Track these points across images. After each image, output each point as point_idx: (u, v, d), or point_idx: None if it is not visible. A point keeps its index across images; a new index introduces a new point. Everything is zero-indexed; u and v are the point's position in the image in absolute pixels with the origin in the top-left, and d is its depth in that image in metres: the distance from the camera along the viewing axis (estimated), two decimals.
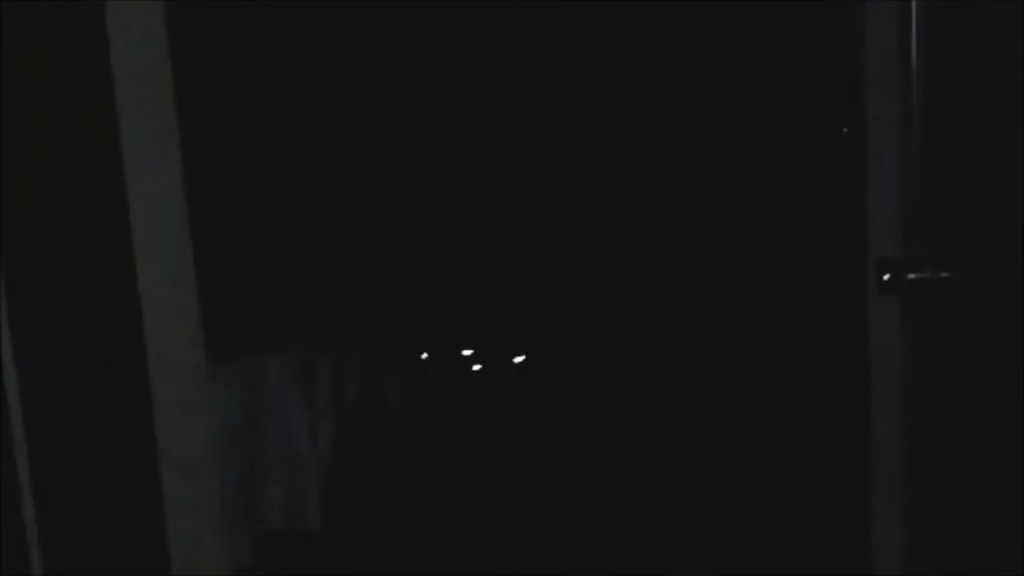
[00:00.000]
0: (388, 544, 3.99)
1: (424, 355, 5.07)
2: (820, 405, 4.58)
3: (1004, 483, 1.61)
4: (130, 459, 2.64)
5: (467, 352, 5.21)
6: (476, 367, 5.20)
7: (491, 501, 4.39)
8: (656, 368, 5.20)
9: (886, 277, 1.79)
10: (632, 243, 5.37)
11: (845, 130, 4.67)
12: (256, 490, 3.44)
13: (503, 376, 5.24)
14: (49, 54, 2.44)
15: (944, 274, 1.80)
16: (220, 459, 2.91)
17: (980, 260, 1.69)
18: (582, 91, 5.33)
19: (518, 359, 5.26)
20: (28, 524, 2.55)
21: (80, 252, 2.52)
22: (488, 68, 5.34)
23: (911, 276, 1.80)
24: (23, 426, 2.52)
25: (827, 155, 4.95)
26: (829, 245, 4.75)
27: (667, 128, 5.32)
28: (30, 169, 2.46)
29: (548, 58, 5.32)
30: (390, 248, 5.26)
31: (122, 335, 2.58)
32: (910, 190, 2.26)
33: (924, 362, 2.25)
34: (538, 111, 5.35)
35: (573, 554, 3.92)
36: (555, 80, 5.33)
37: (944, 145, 2.01)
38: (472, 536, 4.10)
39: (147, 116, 2.57)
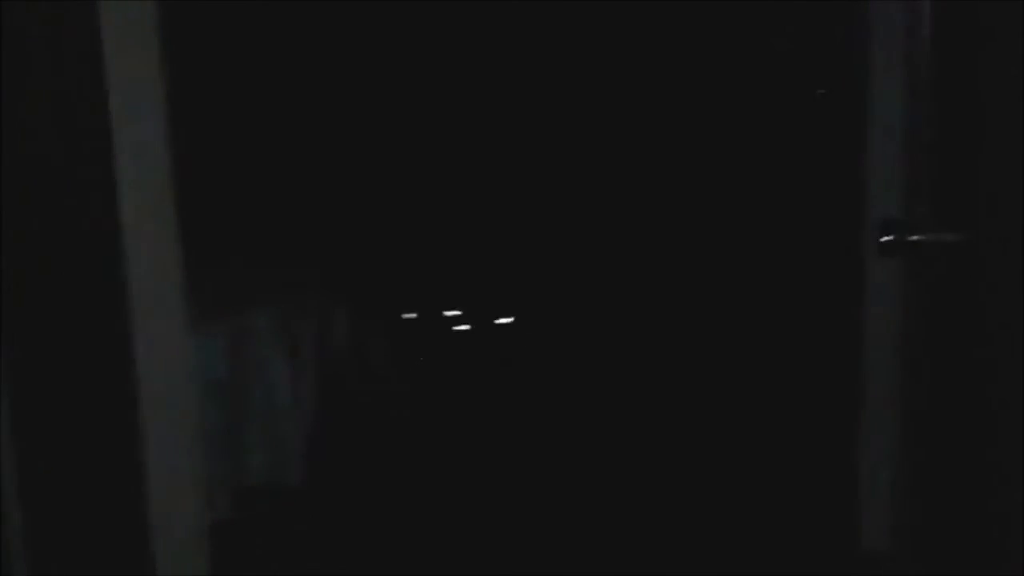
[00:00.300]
0: (369, 502, 3.97)
1: (408, 315, 5.03)
2: (813, 376, 4.54)
3: (1005, 462, 1.59)
4: (109, 413, 2.63)
5: (451, 313, 5.18)
6: (461, 328, 5.16)
7: (473, 463, 4.36)
8: (644, 332, 5.16)
9: (888, 238, 1.75)
10: (621, 205, 5.31)
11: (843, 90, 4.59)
12: (237, 445, 3.43)
13: (488, 337, 5.21)
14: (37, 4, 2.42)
15: (948, 236, 1.76)
16: (201, 414, 2.89)
17: (985, 223, 1.66)
18: (563, 48, 5.28)
19: (503, 320, 5.22)
20: (5, 474, 2.54)
21: (62, 207, 2.49)
22: (477, 30, 5.29)
23: (914, 238, 1.76)
24: None
25: (824, 117, 4.88)
26: (825, 209, 4.69)
27: (656, 87, 5.26)
28: (12, 120, 2.44)
29: (531, 27, 5.28)
30: (377, 206, 5.22)
31: (104, 290, 2.57)
32: (915, 150, 2.21)
33: (924, 327, 2.21)
34: (525, 75, 5.30)
35: (556, 519, 3.90)
36: (542, 49, 5.28)
37: (952, 104, 1.97)
38: (454, 497, 4.08)
39: (133, 70, 2.56)
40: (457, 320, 5.21)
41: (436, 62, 5.23)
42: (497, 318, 5.25)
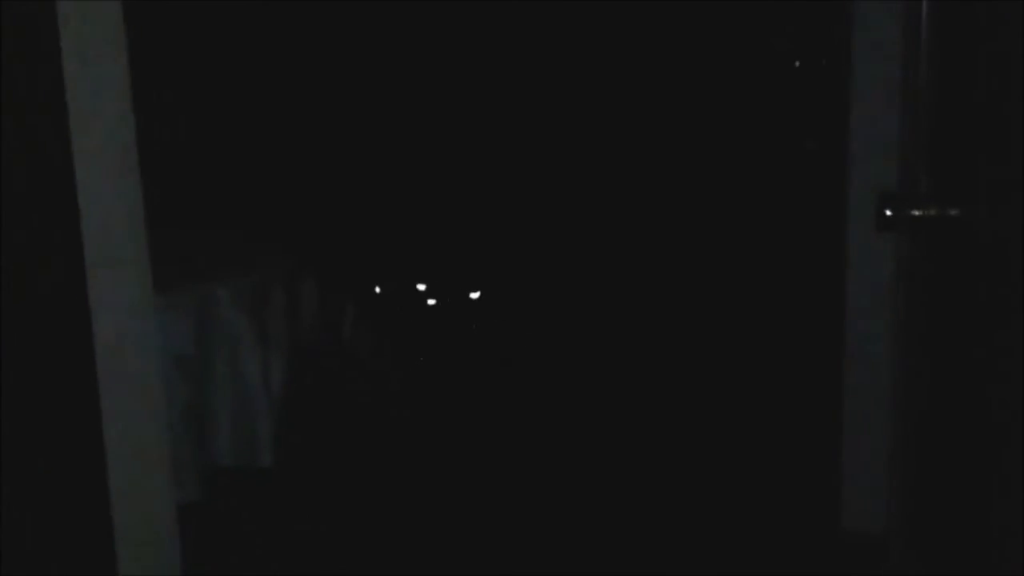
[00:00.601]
0: (340, 482, 3.92)
1: (377, 289, 4.97)
2: (794, 357, 4.54)
3: (1007, 448, 1.52)
4: (70, 391, 2.53)
5: (421, 287, 5.10)
6: (431, 302, 5.08)
7: (449, 441, 4.31)
8: (619, 314, 5.11)
9: (888, 212, 1.67)
10: (594, 184, 5.26)
11: (824, 61, 4.57)
12: (205, 424, 3.34)
13: (459, 312, 5.15)
14: None
15: (953, 211, 1.68)
16: (167, 392, 2.84)
17: (992, 196, 1.58)
18: (544, 41, 5.19)
19: (474, 295, 5.16)
20: None
21: (18, 173, 2.37)
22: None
23: (915, 212, 1.68)
24: None
25: (804, 88, 4.85)
26: (806, 187, 4.70)
27: (630, 68, 5.19)
28: None
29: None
30: (348, 177, 5.15)
31: (62, 260, 2.45)
32: (915, 119, 2.14)
33: (924, 304, 2.14)
34: (499, 49, 5.24)
35: (530, 494, 3.87)
36: (516, 29, 5.22)
37: (953, 68, 1.90)
38: (430, 477, 4.03)
39: (93, 35, 2.44)
40: (426, 295, 5.16)
41: (406, 33, 5.16)
42: (467, 293, 5.18)
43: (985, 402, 1.61)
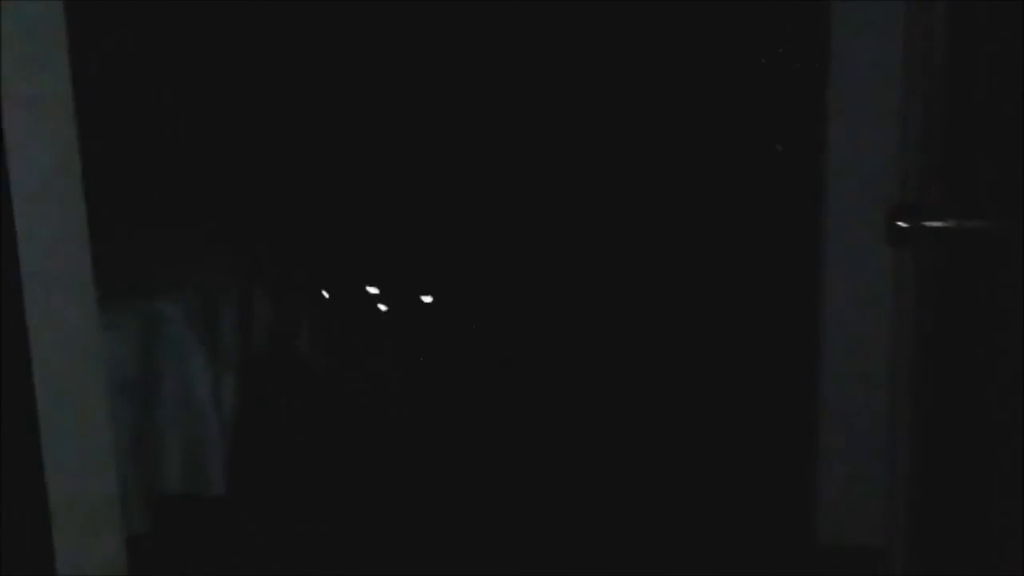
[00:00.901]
0: (298, 511, 3.76)
1: (326, 294, 4.84)
2: (765, 365, 4.48)
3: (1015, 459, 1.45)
4: (6, 416, 2.36)
5: (372, 290, 5.01)
6: (382, 307, 5.00)
7: (407, 458, 4.15)
8: (585, 313, 5.01)
9: (903, 224, 1.59)
10: (561, 184, 5.15)
11: (797, 63, 4.47)
12: (153, 450, 3.22)
13: (411, 317, 5.05)
14: None
15: (973, 223, 1.60)
16: (112, 415, 2.67)
17: (1016, 206, 1.50)
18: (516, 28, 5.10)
19: (426, 299, 5.09)
20: None
21: None
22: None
23: (930, 224, 1.59)
24: None
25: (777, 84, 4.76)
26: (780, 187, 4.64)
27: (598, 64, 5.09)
28: None
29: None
30: (303, 177, 5.02)
31: None
32: (922, 128, 2.06)
33: (935, 318, 2.07)
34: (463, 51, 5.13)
35: (491, 506, 3.78)
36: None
37: (972, 69, 1.82)
38: (393, 502, 3.87)
39: (31, 33, 2.27)
40: (376, 299, 5.06)
41: (357, 29, 5.06)
42: (418, 296, 5.09)
43: (1012, 416, 1.55)
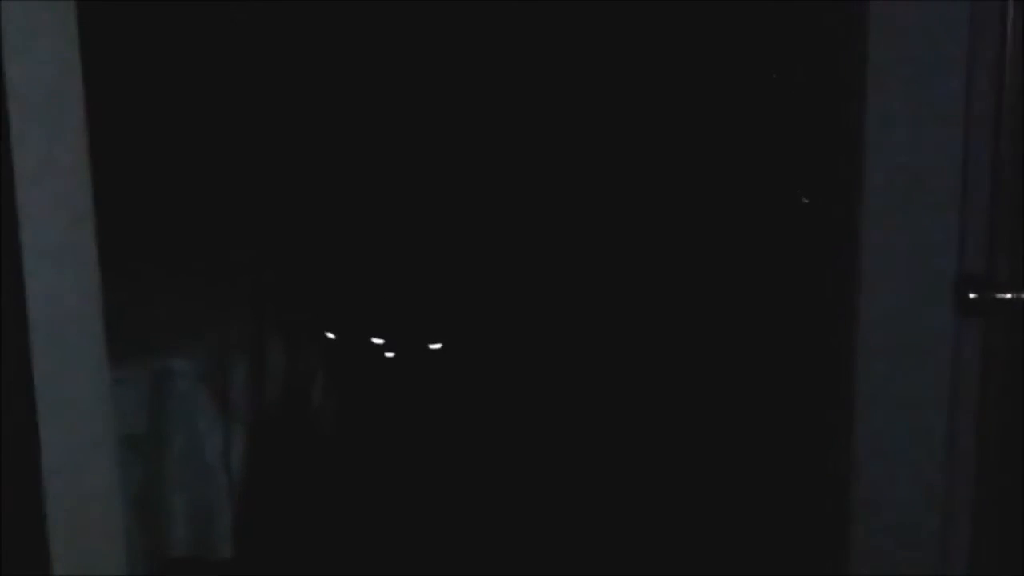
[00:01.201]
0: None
1: (333, 336, 4.79)
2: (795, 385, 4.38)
3: None
4: (10, 474, 2.26)
5: (378, 340, 5.02)
6: (389, 354, 5.01)
7: (423, 519, 4.08)
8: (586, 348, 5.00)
9: (973, 296, 1.54)
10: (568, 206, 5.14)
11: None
12: (159, 510, 3.16)
13: (419, 365, 5.05)
14: None
15: None
16: (118, 475, 2.52)
17: None
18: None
19: (434, 346, 5.07)
20: None
21: None
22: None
23: (1003, 296, 1.54)
24: None
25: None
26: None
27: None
28: None
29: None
30: (320, 223, 5.03)
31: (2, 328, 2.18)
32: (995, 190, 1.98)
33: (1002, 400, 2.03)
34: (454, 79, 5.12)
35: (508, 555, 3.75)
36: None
37: None
38: (405, 560, 3.81)
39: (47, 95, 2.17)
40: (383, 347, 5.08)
41: (360, 63, 5.08)
42: (427, 343, 5.11)
43: None
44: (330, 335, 4.80)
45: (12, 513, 2.27)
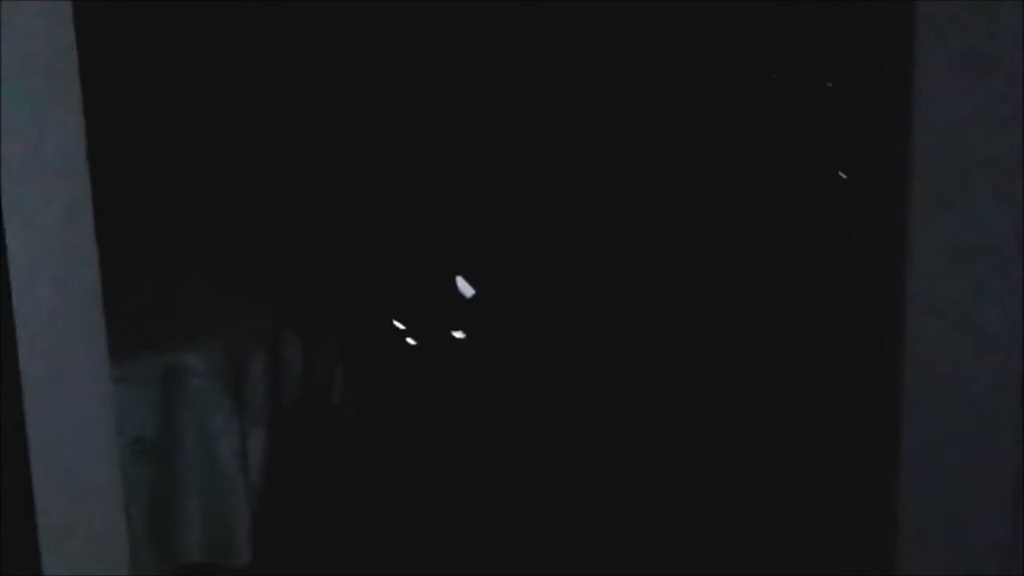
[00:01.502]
0: None
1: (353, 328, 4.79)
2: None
3: None
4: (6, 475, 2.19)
5: (400, 326, 4.99)
6: (411, 341, 4.97)
7: (447, 520, 4.04)
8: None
9: None
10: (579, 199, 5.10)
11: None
12: (171, 517, 3.11)
13: (443, 354, 5.01)
14: None
15: None
16: (126, 479, 2.53)
17: None
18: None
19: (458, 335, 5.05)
20: None
21: None
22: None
23: None
24: None
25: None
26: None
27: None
28: None
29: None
30: (340, 212, 4.99)
31: None
32: None
33: None
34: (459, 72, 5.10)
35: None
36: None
37: None
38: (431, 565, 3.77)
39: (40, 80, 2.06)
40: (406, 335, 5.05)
41: (359, 63, 5.04)
42: (449, 331, 5.08)
43: None
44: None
45: (8, 516, 2.22)
